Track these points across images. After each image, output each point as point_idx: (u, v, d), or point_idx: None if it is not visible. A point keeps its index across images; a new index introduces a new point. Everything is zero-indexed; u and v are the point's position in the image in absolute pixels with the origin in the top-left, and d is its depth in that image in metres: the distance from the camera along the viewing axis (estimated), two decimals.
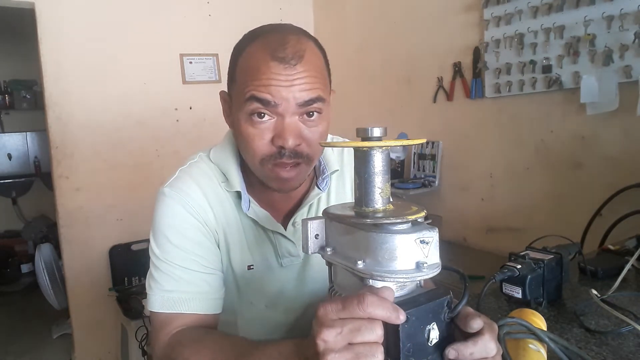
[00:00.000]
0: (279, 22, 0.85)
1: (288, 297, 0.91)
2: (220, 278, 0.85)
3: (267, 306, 0.90)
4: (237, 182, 0.84)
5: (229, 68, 0.82)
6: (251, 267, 0.87)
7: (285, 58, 0.72)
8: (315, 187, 0.90)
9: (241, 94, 0.75)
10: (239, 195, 0.85)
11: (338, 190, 0.95)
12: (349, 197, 0.95)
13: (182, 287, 0.79)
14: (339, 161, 0.94)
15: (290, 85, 0.72)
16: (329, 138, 0.96)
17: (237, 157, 0.87)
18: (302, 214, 0.89)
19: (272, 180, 0.79)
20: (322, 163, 0.92)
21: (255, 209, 0.86)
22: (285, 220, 0.90)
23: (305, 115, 0.76)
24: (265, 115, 0.74)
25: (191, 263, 0.80)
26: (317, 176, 0.92)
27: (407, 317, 0.47)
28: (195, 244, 0.81)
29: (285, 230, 0.88)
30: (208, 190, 0.84)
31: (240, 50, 0.78)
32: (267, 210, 0.87)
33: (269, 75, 0.72)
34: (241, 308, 0.90)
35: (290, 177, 0.78)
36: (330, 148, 0.95)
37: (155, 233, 0.82)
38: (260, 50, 0.74)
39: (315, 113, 0.76)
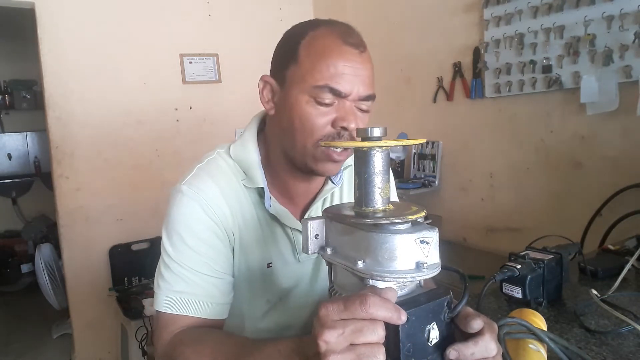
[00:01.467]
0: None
1: (302, 291, 0.91)
2: (229, 283, 0.84)
3: (282, 299, 0.90)
4: (260, 178, 0.84)
5: (283, 52, 0.82)
6: (270, 264, 0.87)
7: (355, 44, 0.77)
8: (329, 182, 0.92)
9: (309, 77, 0.76)
10: (258, 192, 0.85)
11: (351, 185, 0.96)
12: None
13: (191, 289, 0.79)
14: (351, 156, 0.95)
15: (357, 75, 0.76)
16: None
17: (258, 153, 0.87)
18: (316, 207, 0.90)
19: (321, 162, 0.79)
20: None
21: (276, 206, 0.86)
22: (302, 215, 0.91)
23: (359, 106, 0.79)
24: (328, 100, 0.77)
25: (203, 266, 0.80)
26: None
27: (407, 317, 0.47)
28: (209, 246, 0.81)
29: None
30: (226, 188, 0.83)
31: (301, 35, 0.80)
32: (285, 206, 0.87)
33: (344, 62, 0.75)
34: (254, 307, 0.89)
35: (341, 160, 0.80)
36: None
37: (169, 231, 0.81)
38: (329, 34, 0.78)
39: (365, 106, 0.80)
